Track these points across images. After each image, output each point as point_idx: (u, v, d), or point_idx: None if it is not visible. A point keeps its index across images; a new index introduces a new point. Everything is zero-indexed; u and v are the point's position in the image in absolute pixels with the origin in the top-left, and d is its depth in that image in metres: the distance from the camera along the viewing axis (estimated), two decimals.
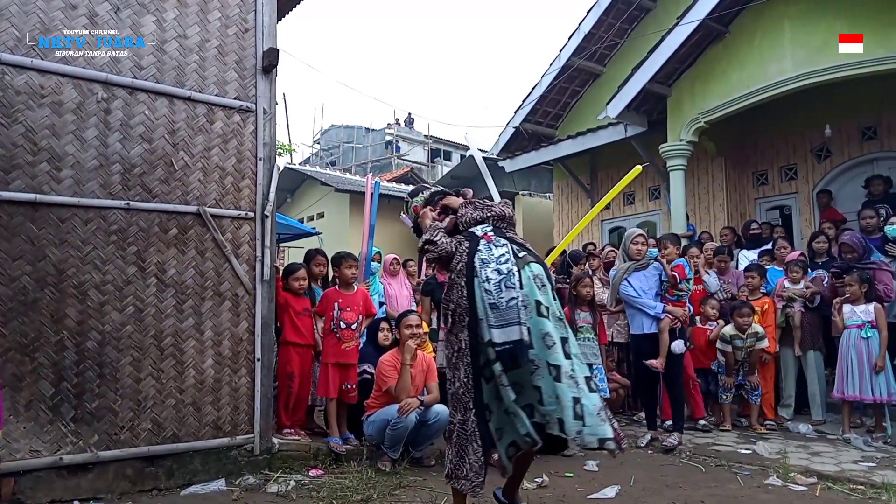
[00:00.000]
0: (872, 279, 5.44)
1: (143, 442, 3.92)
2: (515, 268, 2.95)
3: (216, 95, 4.39)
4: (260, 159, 4.53)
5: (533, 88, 11.27)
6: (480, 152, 6.63)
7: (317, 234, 11.57)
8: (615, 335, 6.23)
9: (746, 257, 7.37)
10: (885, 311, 5.37)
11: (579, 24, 10.63)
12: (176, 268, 4.14)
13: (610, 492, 3.95)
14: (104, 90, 3.97)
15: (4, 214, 3.63)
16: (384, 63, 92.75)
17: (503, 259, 2.97)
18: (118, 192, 3.98)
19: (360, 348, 5.09)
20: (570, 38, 10.70)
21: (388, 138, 28.25)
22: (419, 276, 7.68)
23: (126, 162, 4.03)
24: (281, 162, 17.91)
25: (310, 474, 4.29)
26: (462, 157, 23.24)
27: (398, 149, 27.80)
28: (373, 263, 6.52)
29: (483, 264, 2.97)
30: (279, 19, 4.92)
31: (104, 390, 3.83)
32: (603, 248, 7.77)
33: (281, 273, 5.09)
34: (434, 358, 5.04)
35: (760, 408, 5.94)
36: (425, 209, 3.44)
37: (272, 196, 4.54)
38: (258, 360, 4.39)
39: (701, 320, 6.11)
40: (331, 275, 5.65)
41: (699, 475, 4.46)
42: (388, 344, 5.17)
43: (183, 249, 4.18)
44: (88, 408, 3.77)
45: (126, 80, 4.04)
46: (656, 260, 5.39)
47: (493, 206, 3.25)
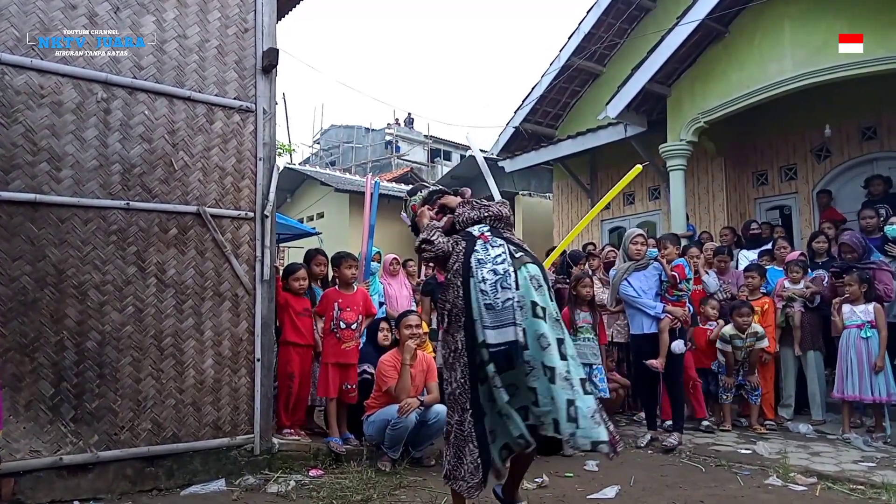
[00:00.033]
0: (872, 279, 5.44)
1: (143, 442, 3.92)
2: (512, 268, 2.94)
3: (216, 95, 4.39)
4: (260, 159, 4.53)
5: (533, 88, 11.27)
6: (481, 152, 6.62)
7: (317, 234, 11.58)
8: (615, 335, 6.23)
9: (746, 257, 7.37)
10: (885, 311, 5.37)
11: (579, 24, 10.63)
12: (176, 268, 4.14)
13: (610, 492, 3.95)
14: (104, 90, 3.97)
15: (4, 214, 3.63)
16: (384, 63, 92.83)
17: (500, 259, 2.96)
18: (118, 192, 3.98)
19: (360, 348, 5.10)
20: (570, 38, 10.71)
21: (388, 138, 28.24)
22: (419, 276, 7.68)
23: (126, 162, 4.03)
24: (281, 162, 17.92)
25: (310, 474, 4.29)
26: (462, 157, 23.24)
27: (398, 149, 27.79)
28: (373, 263, 6.52)
29: (479, 265, 2.96)
30: (279, 19, 4.92)
31: (104, 390, 3.83)
32: (603, 248, 7.77)
33: (281, 273, 5.09)
34: (434, 358, 5.05)
35: (760, 408, 5.94)
36: (423, 208, 3.43)
37: (272, 196, 4.54)
38: (258, 361, 4.39)
39: (701, 320, 6.12)
40: (331, 275, 5.65)
41: (699, 475, 4.47)
42: (388, 344, 5.18)
43: (183, 249, 4.18)
44: (88, 408, 3.77)
45: (126, 80, 4.04)
46: (656, 260, 5.39)
47: (491, 207, 3.23)
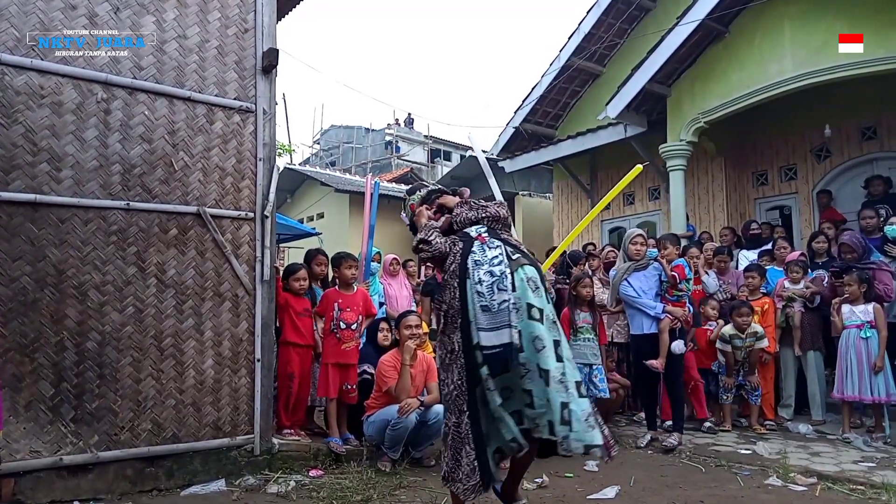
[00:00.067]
0: (872, 279, 5.44)
1: (143, 442, 3.92)
2: (508, 270, 2.93)
3: (216, 96, 4.39)
4: (260, 159, 4.53)
5: (533, 88, 11.27)
6: (482, 153, 6.63)
7: (317, 235, 11.58)
8: (615, 335, 6.23)
9: (746, 257, 7.37)
10: (885, 312, 5.38)
11: (579, 25, 10.62)
12: (176, 268, 4.14)
13: (610, 492, 3.95)
14: (104, 90, 3.97)
15: (4, 215, 3.63)
16: (384, 63, 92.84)
17: (496, 261, 2.96)
18: (118, 193, 3.99)
19: (360, 349, 5.10)
20: (570, 39, 10.70)
21: (388, 138, 28.24)
22: (419, 277, 7.69)
23: (126, 162, 4.03)
24: (281, 162, 17.93)
25: (310, 475, 4.29)
26: (462, 158, 23.24)
27: (398, 149, 27.79)
28: (373, 264, 6.52)
29: (476, 266, 2.95)
30: (279, 19, 4.92)
31: (104, 391, 3.83)
32: (603, 249, 7.77)
33: (281, 273, 5.09)
34: (434, 358, 5.04)
35: (760, 408, 5.94)
36: (421, 208, 3.42)
37: (272, 196, 4.54)
38: (258, 361, 4.39)
39: (701, 320, 6.12)
40: (331, 275, 5.65)
41: (699, 475, 4.47)
42: (388, 344, 5.18)
43: (183, 250, 4.18)
44: (88, 408, 3.78)
45: (126, 81, 4.04)
46: (656, 260, 5.39)
47: (489, 207, 3.22)
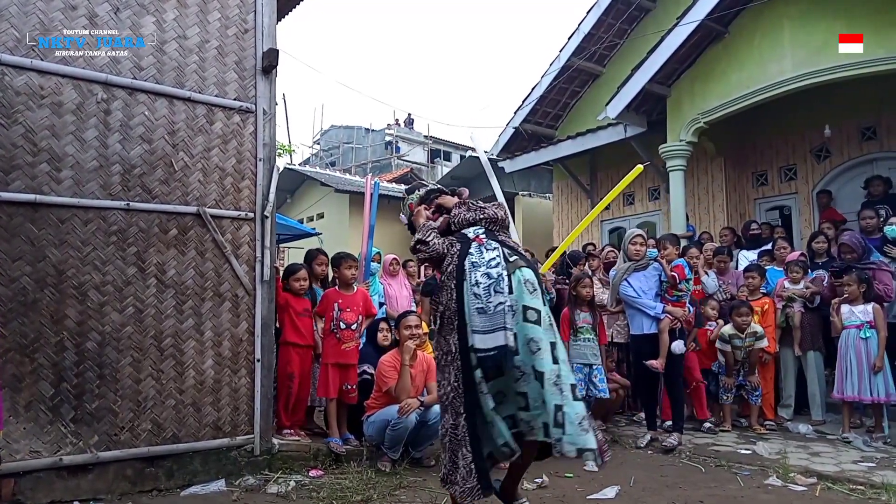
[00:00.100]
0: (871, 279, 5.44)
1: (143, 442, 3.92)
2: (506, 272, 2.92)
3: (216, 96, 4.39)
4: (260, 160, 4.53)
5: (533, 89, 11.27)
6: (484, 154, 6.63)
7: (317, 235, 11.57)
8: (615, 335, 6.23)
9: (746, 258, 7.37)
10: (885, 312, 5.38)
11: (579, 25, 10.62)
12: (176, 268, 4.14)
13: (610, 492, 3.96)
14: (104, 91, 3.97)
15: (4, 215, 3.63)
16: (384, 63, 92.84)
17: (493, 263, 2.95)
18: (118, 193, 3.99)
19: (360, 349, 5.10)
20: (570, 39, 10.70)
21: (388, 139, 28.24)
22: (419, 277, 7.68)
23: (126, 162, 4.03)
24: (281, 162, 17.92)
25: (310, 475, 4.29)
26: (462, 158, 23.23)
27: (398, 149, 27.79)
28: (372, 264, 6.52)
29: (473, 268, 2.94)
30: (279, 20, 4.92)
31: (104, 391, 3.83)
32: (603, 249, 7.77)
33: (281, 273, 5.09)
34: (434, 358, 5.04)
35: (760, 408, 5.94)
36: (419, 207, 3.42)
37: (272, 196, 4.54)
38: (258, 361, 4.39)
39: (703, 321, 6.11)
40: (330, 275, 5.65)
41: (699, 475, 4.47)
42: (388, 344, 5.18)
43: (183, 250, 4.18)
44: (88, 408, 3.78)
45: (126, 81, 4.04)
46: (656, 260, 5.39)
47: (486, 209, 3.21)
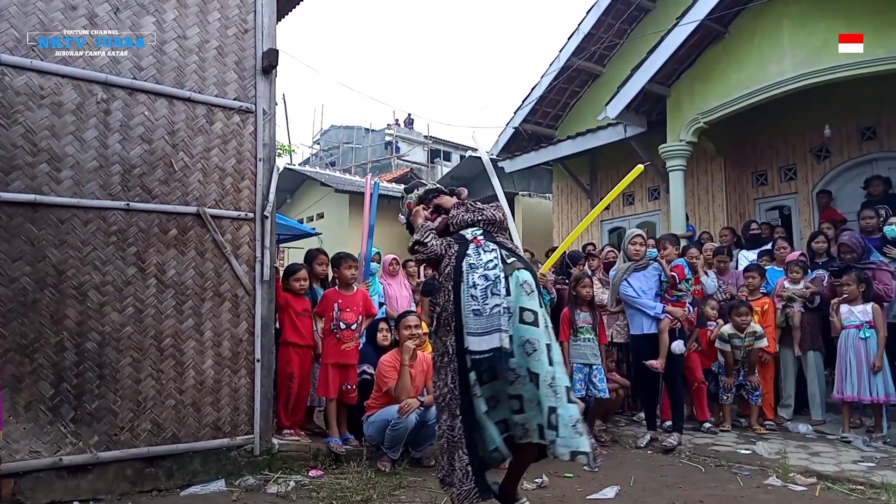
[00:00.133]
0: (870, 279, 5.44)
1: (143, 443, 3.92)
2: (503, 274, 2.92)
3: (216, 96, 4.39)
4: (260, 160, 4.53)
5: (532, 89, 11.27)
6: (486, 154, 6.62)
7: (316, 235, 11.57)
8: (615, 335, 6.23)
9: (746, 257, 7.37)
10: (884, 312, 5.38)
11: (579, 25, 10.62)
12: (176, 268, 4.14)
13: (610, 492, 3.96)
14: (104, 91, 3.97)
15: (4, 215, 3.63)
16: (384, 64, 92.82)
17: (491, 265, 2.95)
18: (118, 193, 3.99)
19: (360, 349, 5.09)
20: (570, 39, 10.70)
21: (388, 139, 28.23)
22: (419, 277, 7.68)
23: (126, 163, 4.03)
24: (281, 162, 17.92)
25: (309, 475, 4.29)
26: (462, 158, 23.24)
27: (398, 149, 27.79)
28: (372, 264, 6.52)
29: (471, 269, 2.94)
30: (279, 20, 4.92)
31: (104, 391, 3.83)
32: (602, 249, 7.78)
33: (281, 274, 5.09)
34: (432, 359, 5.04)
35: (760, 408, 5.94)
36: (418, 207, 3.41)
37: (272, 197, 4.54)
38: (258, 361, 4.39)
39: (704, 321, 6.10)
40: (330, 275, 5.65)
41: (699, 475, 4.47)
42: (388, 344, 5.18)
43: (183, 250, 4.18)
44: (88, 409, 3.78)
45: (126, 81, 4.05)
46: (656, 260, 5.39)
47: (485, 210, 3.21)
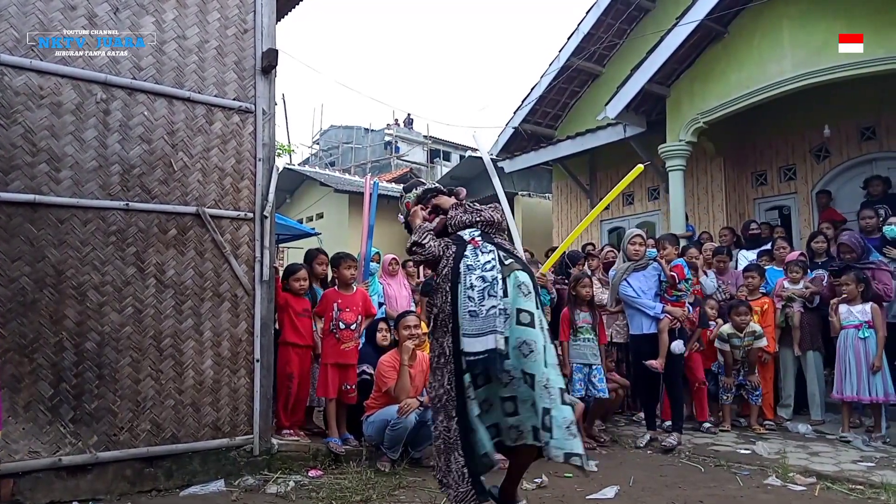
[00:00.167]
0: (869, 279, 5.43)
1: (143, 443, 3.92)
2: (500, 276, 2.92)
3: (215, 96, 4.39)
4: (259, 160, 4.53)
5: (532, 89, 11.26)
6: (487, 154, 6.62)
7: (316, 235, 11.57)
8: (614, 335, 6.23)
9: (745, 257, 7.37)
10: (884, 312, 5.37)
11: (578, 25, 10.61)
12: (175, 268, 4.14)
13: (609, 492, 3.96)
14: (103, 91, 3.97)
15: (3, 215, 3.63)
16: (383, 64, 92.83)
17: (489, 266, 2.94)
18: (117, 193, 3.98)
19: (360, 349, 5.09)
20: (569, 39, 10.69)
21: (388, 139, 28.21)
22: (418, 277, 7.68)
23: (125, 163, 4.03)
24: (280, 162, 17.90)
25: (309, 475, 4.29)
26: (461, 158, 23.23)
27: (397, 149, 27.77)
28: (372, 264, 6.52)
29: (468, 271, 2.94)
30: (278, 20, 4.92)
31: (103, 391, 3.83)
32: (602, 249, 7.78)
33: (281, 273, 5.09)
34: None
35: (760, 408, 5.95)
36: (416, 208, 3.41)
37: (271, 196, 4.54)
38: (257, 361, 4.39)
39: (706, 321, 6.09)
40: (330, 275, 5.65)
41: (698, 475, 4.47)
42: (387, 344, 5.18)
43: (182, 250, 4.18)
44: (87, 409, 3.77)
45: (125, 81, 4.04)
46: (655, 260, 5.39)
47: (483, 211, 3.20)
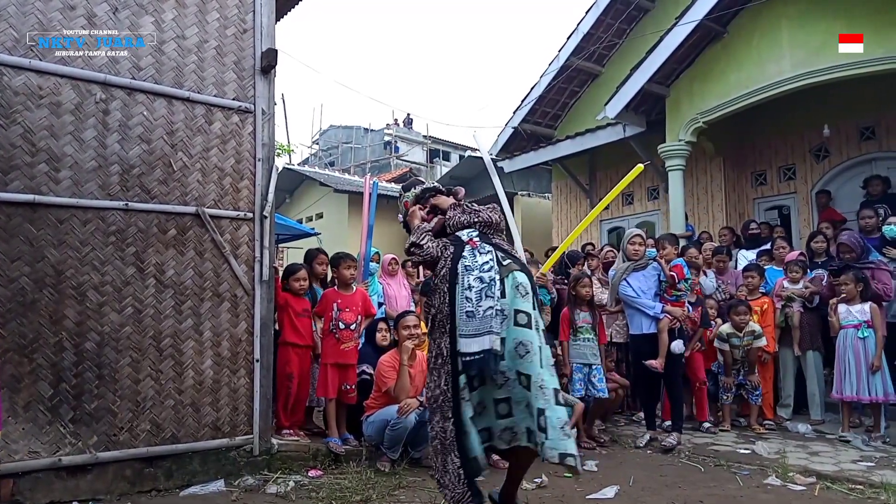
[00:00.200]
0: (868, 278, 5.44)
1: (142, 443, 3.92)
2: (498, 276, 2.91)
3: (215, 96, 4.39)
4: (259, 160, 4.53)
5: (532, 89, 11.26)
6: (488, 154, 6.61)
7: (316, 235, 11.57)
8: (614, 335, 6.23)
9: (745, 257, 7.38)
10: (883, 312, 5.37)
11: (578, 25, 10.61)
12: (175, 268, 4.14)
13: (609, 492, 3.96)
14: (103, 91, 3.97)
15: (3, 215, 3.63)
16: (383, 64, 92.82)
17: (487, 267, 2.94)
18: (117, 193, 3.98)
19: (359, 349, 5.09)
20: (569, 39, 10.69)
21: (387, 139, 28.19)
22: (418, 277, 7.67)
23: (125, 163, 4.03)
24: (280, 162, 17.89)
25: (309, 475, 4.29)
26: (461, 158, 23.22)
27: (397, 149, 27.76)
28: (371, 264, 6.52)
29: (466, 271, 2.93)
30: (278, 20, 4.92)
31: (103, 391, 3.83)
32: (601, 249, 7.78)
33: (281, 273, 5.09)
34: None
35: (759, 408, 5.95)
36: (414, 207, 3.40)
37: (271, 196, 4.54)
38: (257, 361, 4.39)
39: (708, 320, 6.08)
40: (329, 275, 5.65)
41: (698, 475, 4.47)
42: (387, 344, 5.18)
43: (182, 250, 4.18)
44: (87, 409, 3.77)
45: (124, 81, 4.04)
46: (655, 260, 5.40)
47: (481, 212, 3.20)
